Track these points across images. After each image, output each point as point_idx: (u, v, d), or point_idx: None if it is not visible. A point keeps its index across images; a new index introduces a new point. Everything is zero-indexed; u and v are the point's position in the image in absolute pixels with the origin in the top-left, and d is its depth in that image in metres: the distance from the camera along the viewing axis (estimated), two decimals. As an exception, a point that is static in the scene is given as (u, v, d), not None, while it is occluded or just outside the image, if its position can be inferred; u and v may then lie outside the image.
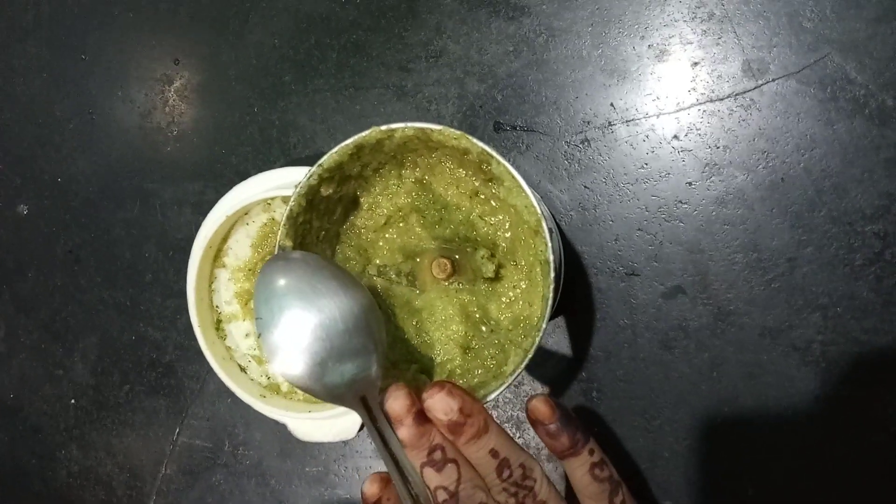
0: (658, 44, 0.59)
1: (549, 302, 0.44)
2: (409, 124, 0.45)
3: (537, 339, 0.44)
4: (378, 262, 0.54)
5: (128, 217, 0.73)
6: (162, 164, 0.72)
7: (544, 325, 0.44)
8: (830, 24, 0.55)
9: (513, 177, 0.44)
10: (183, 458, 0.73)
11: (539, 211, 0.44)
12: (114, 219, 0.74)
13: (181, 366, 0.72)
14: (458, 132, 0.45)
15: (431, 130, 0.45)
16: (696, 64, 0.58)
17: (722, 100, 0.58)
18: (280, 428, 0.67)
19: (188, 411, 0.72)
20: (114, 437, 0.75)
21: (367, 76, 0.66)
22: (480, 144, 0.45)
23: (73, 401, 0.76)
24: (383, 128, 0.45)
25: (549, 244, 0.44)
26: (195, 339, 0.64)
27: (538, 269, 0.47)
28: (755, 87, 0.57)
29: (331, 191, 0.47)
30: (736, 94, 0.57)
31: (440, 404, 0.39)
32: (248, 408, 0.64)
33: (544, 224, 0.44)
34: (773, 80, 0.56)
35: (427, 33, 0.64)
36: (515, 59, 0.62)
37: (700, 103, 0.58)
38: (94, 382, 0.75)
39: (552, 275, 0.44)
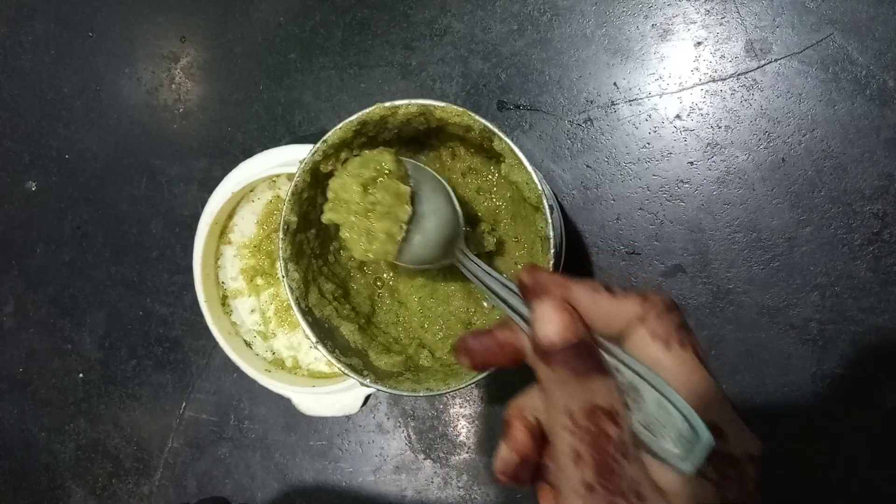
0: (661, 23, 0.59)
1: (549, 277, 0.45)
2: (413, 101, 0.46)
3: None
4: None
5: (135, 193, 0.74)
6: (168, 141, 0.73)
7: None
8: (833, 4, 0.55)
9: (514, 153, 0.45)
10: (189, 432, 0.74)
11: (540, 187, 0.45)
12: (121, 195, 0.75)
13: (187, 341, 0.74)
14: (461, 109, 0.45)
15: (434, 107, 0.46)
16: (699, 44, 0.58)
17: (724, 80, 0.58)
18: (284, 402, 0.68)
19: (194, 385, 0.73)
20: (121, 410, 0.76)
21: (372, 54, 0.66)
22: (482, 121, 0.45)
23: (81, 375, 0.77)
24: (387, 104, 0.46)
25: (549, 221, 0.44)
26: (201, 315, 0.65)
27: (539, 246, 0.48)
28: (758, 68, 0.57)
29: (331, 167, 0.48)
30: (738, 74, 0.57)
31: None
32: (253, 382, 0.65)
33: (545, 200, 0.44)
34: (776, 61, 0.56)
35: (432, 11, 0.64)
36: (520, 37, 0.62)
37: (703, 83, 0.58)
38: (102, 357, 0.76)
39: (552, 251, 0.44)
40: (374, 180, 0.46)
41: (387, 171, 0.46)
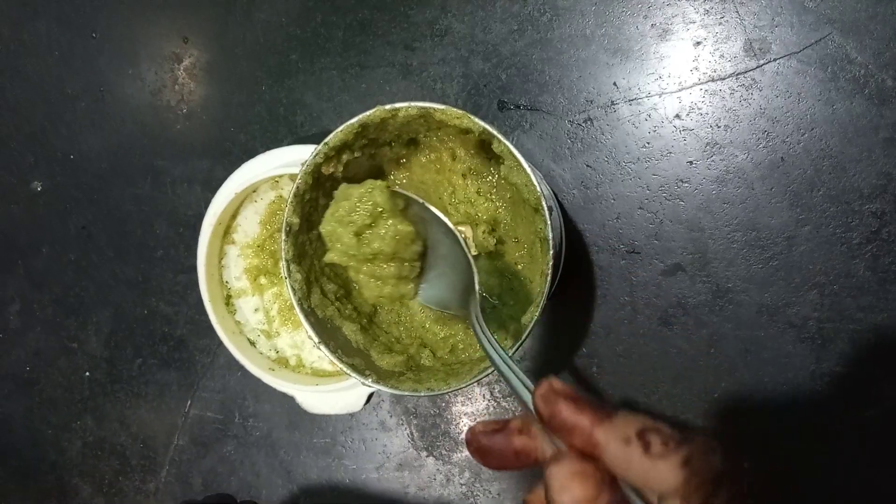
0: (661, 23, 0.59)
1: (548, 278, 0.45)
2: (413, 104, 0.46)
3: (536, 315, 0.45)
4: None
5: (139, 194, 0.75)
6: (172, 141, 0.73)
7: (543, 301, 0.45)
8: (832, 3, 0.55)
9: (513, 155, 0.45)
10: (194, 430, 0.75)
11: (539, 189, 0.45)
12: (125, 195, 0.75)
13: (192, 340, 0.74)
14: (460, 112, 0.45)
15: (434, 110, 0.46)
16: (698, 43, 0.59)
17: (724, 79, 0.58)
18: (288, 400, 0.69)
19: (199, 384, 0.74)
20: (127, 408, 0.77)
21: (373, 55, 0.66)
22: (482, 124, 0.45)
23: (87, 373, 0.78)
24: (387, 107, 0.46)
25: (549, 222, 0.45)
26: (206, 314, 0.66)
27: (538, 246, 0.48)
28: (757, 67, 0.57)
29: (332, 169, 0.48)
30: (738, 74, 0.58)
31: None
32: (257, 381, 0.66)
33: (544, 202, 0.45)
34: (775, 60, 0.57)
35: (432, 12, 0.65)
36: (520, 37, 0.63)
37: (702, 83, 0.58)
38: (108, 355, 0.77)
39: (551, 252, 0.45)
40: (367, 227, 0.46)
41: (380, 211, 0.46)
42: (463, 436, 0.67)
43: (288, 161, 0.63)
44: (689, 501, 0.24)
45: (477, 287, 0.46)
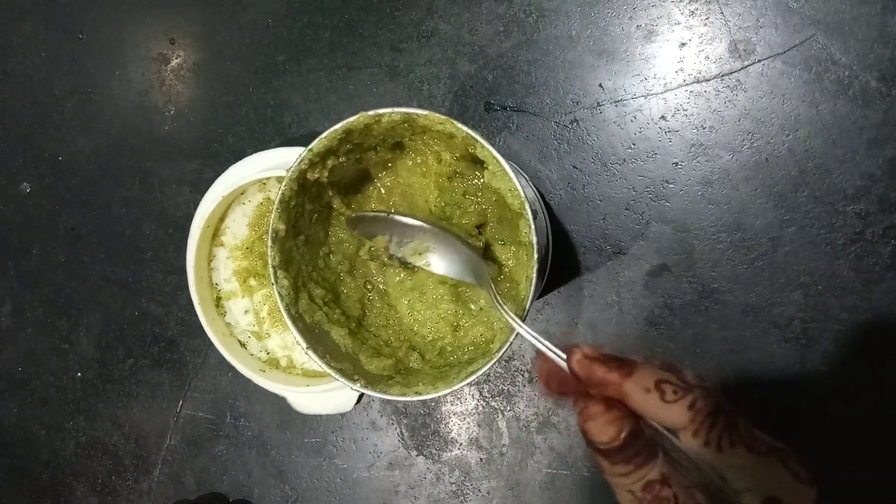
0: (646, 24, 0.59)
1: (534, 282, 0.45)
2: (396, 109, 0.46)
3: (523, 317, 0.45)
4: (371, 244, 0.56)
5: (127, 195, 0.75)
6: (160, 142, 0.73)
7: (528, 305, 0.46)
8: (816, 5, 0.55)
9: (497, 161, 0.45)
10: (186, 430, 0.75)
11: (522, 194, 0.45)
12: (114, 197, 0.75)
13: (183, 340, 0.74)
14: (443, 117, 0.46)
15: (417, 115, 0.46)
16: (683, 45, 0.59)
17: (709, 80, 0.58)
18: (279, 400, 0.69)
19: (190, 384, 0.74)
20: (119, 408, 0.77)
21: (360, 56, 0.66)
22: (465, 129, 0.45)
23: (79, 374, 0.78)
24: (371, 113, 0.46)
25: (533, 227, 0.45)
26: (196, 315, 0.66)
27: (524, 250, 0.49)
28: (741, 68, 0.57)
29: (318, 175, 0.48)
30: (722, 75, 0.58)
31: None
32: (248, 381, 0.66)
33: (527, 207, 0.45)
34: (760, 61, 0.57)
35: (418, 13, 0.65)
36: (506, 39, 0.63)
37: (687, 84, 0.59)
38: (99, 356, 0.77)
39: (536, 256, 0.45)
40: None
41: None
42: (452, 435, 0.67)
43: (275, 163, 0.63)
44: (696, 433, 0.31)
45: (488, 273, 0.49)
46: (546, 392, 0.37)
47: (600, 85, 0.60)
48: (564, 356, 0.35)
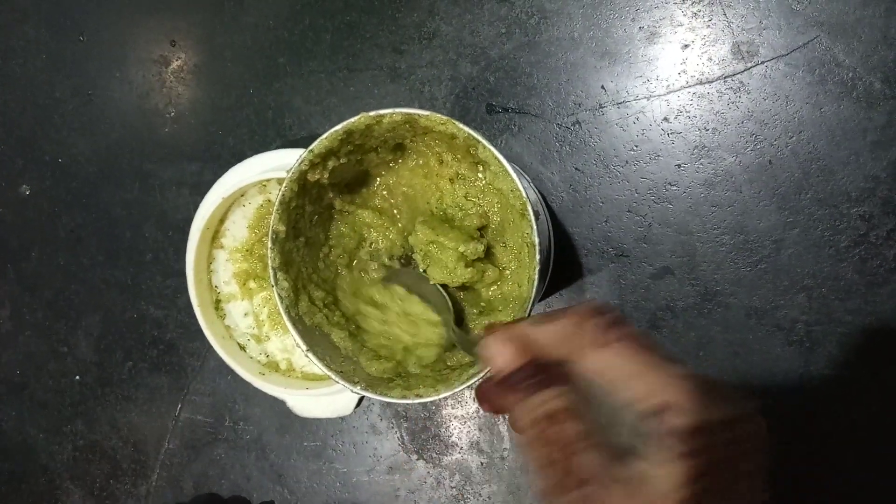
0: (648, 26, 0.59)
1: (536, 283, 0.45)
2: (397, 110, 0.46)
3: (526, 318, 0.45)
4: (370, 243, 0.55)
5: (128, 197, 0.74)
6: (160, 144, 0.73)
7: (530, 306, 0.45)
8: (820, 6, 0.55)
9: (498, 161, 0.45)
10: (185, 433, 0.75)
11: (524, 195, 0.45)
12: (114, 199, 0.75)
13: (182, 343, 0.74)
14: (445, 117, 0.45)
15: (419, 116, 0.46)
16: (686, 46, 0.58)
17: (711, 82, 0.58)
18: (279, 404, 0.69)
19: (189, 388, 0.74)
20: (118, 412, 0.77)
21: (361, 58, 0.66)
22: (466, 129, 0.45)
23: (77, 377, 0.78)
24: (372, 113, 0.46)
25: (535, 227, 0.45)
26: (195, 318, 0.65)
27: (526, 251, 0.48)
28: (745, 70, 0.57)
29: (318, 176, 0.48)
30: (725, 77, 0.58)
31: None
32: (247, 384, 0.66)
33: (529, 208, 0.45)
34: (763, 63, 0.57)
35: (420, 15, 0.64)
36: (508, 40, 0.62)
37: (690, 86, 0.58)
38: (98, 359, 0.77)
39: (538, 257, 0.45)
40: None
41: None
42: (453, 438, 0.67)
43: (275, 165, 0.62)
44: (586, 335, 0.30)
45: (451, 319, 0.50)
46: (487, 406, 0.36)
47: (602, 87, 0.60)
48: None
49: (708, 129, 0.58)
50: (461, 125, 0.45)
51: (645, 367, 0.29)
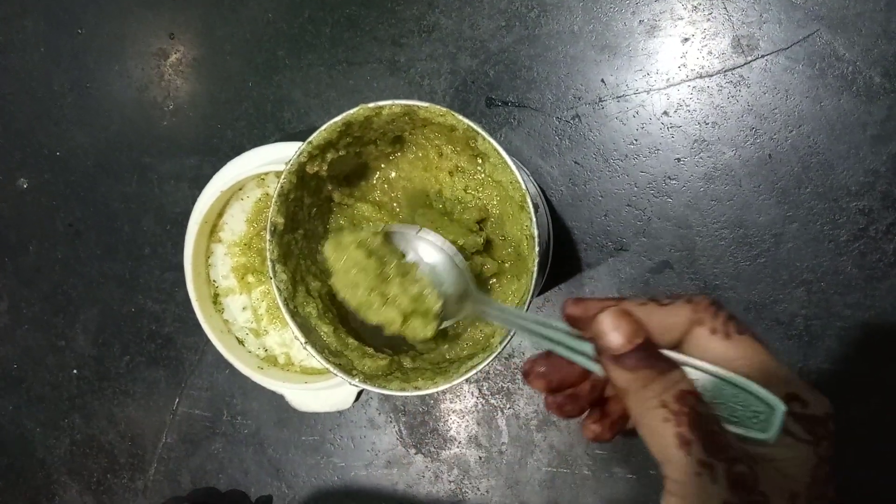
0: (649, 19, 0.59)
1: (535, 276, 0.45)
2: (397, 101, 0.46)
3: (524, 311, 0.44)
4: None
5: (126, 191, 0.74)
6: (159, 138, 0.73)
7: (530, 299, 0.45)
8: (820, 0, 0.55)
9: (498, 153, 0.45)
10: (183, 427, 0.74)
11: (524, 186, 0.45)
12: (112, 193, 0.75)
13: (180, 337, 0.74)
14: (444, 109, 0.45)
15: (418, 107, 0.46)
16: (686, 40, 0.58)
17: (711, 76, 0.58)
18: (277, 398, 0.68)
19: (187, 382, 0.74)
20: (115, 406, 0.76)
21: (361, 51, 0.66)
22: (466, 121, 0.45)
23: (75, 371, 0.77)
24: (371, 105, 0.46)
25: (534, 219, 0.44)
26: (193, 311, 0.65)
27: (525, 244, 0.48)
28: (745, 64, 0.57)
29: (317, 168, 0.48)
30: (725, 71, 0.57)
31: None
32: (245, 378, 0.65)
33: (529, 200, 0.44)
34: (763, 57, 0.56)
35: (420, 8, 0.64)
36: (507, 34, 0.62)
37: (690, 79, 0.58)
38: (96, 353, 0.77)
39: (537, 249, 0.44)
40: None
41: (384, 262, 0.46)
42: (451, 433, 0.67)
43: (274, 158, 0.62)
44: (702, 321, 0.30)
45: (472, 285, 0.46)
46: (550, 399, 0.35)
47: (602, 80, 0.60)
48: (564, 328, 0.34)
49: (708, 123, 0.58)
50: (460, 116, 0.45)
51: (767, 361, 0.30)
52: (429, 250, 0.47)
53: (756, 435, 0.28)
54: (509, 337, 0.45)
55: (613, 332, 0.30)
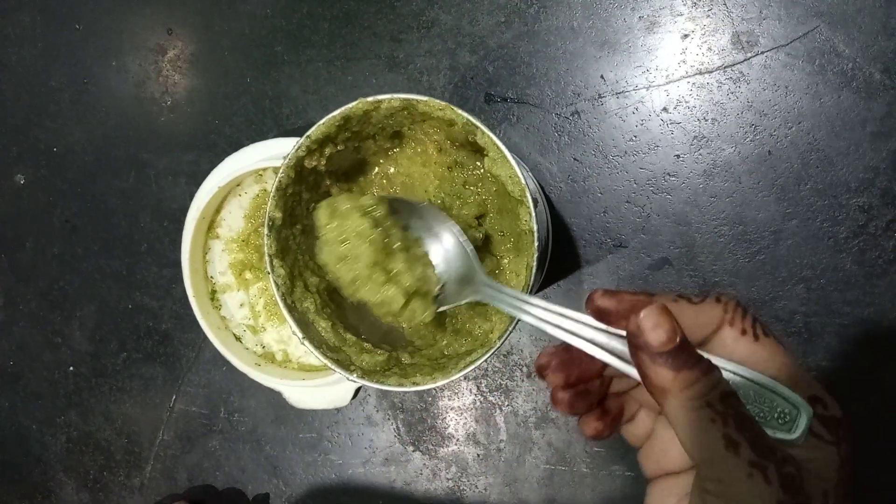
0: (648, 15, 0.59)
1: (534, 271, 0.45)
2: (395, 95, 0.46)
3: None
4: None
5: (123, 187, 0.74)
6: (156, 134, 0.72)
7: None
8: (820, -4, 0.55)
9: (497, 147, 0.45)
10: (179, 425, 0.74)
11: (523, 181, 0.44)
12: (110, 188, 0.74)
13: (177, 334, 0.74)
14: (443, 103, 0.45)
15: (417, 101, 0.46)
16: (686, 36, 0.58)
17: (711, 72, 0.58)
18: (274, 395, 0.68)
19: (184, 378, 0.74)
20: (112, 403, 0.76)
21: (359, 47, 0.66)
22: (465, 115, 0.45)
23: (71, 368, 0.77)
24: (370, 99, 0.46)
25: (533, 214, 0.44)
26: (191, 308, 0.65)
27: (524, 239, 0.48)
28: (744, 60, 0.57)
29: (315, 163, 0.48)
30: (725, 67, 0.57)
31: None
32: (242, 375, 0.65)
33: (528, 194, 0.44)
34: (762, 53, 0.56)
35: (419, 3, 0.64)
36: (507, 29, 0.62)
37: (689, 76, 0.58)
38: (93, 350, 0.76)
39: (536, 244, 0.44)
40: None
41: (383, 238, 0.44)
42: (449, 430, 0.66)
43: (272, 154, 0.62)
44: (732, 322, 0.30)
45: (479, 267, 0.44)
46: (560, 397, 0.33)
47: (602, 76, 0.60)
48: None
49: (707, 120, 0.58)
50: (459, 111, 0.45)
51: (792, 364, 0.30)
52: (432, 226, 0.47)
53: (783, 436, 0.29)
54: (509, 332, 0.45)
55: (656, 330, 0.29)
